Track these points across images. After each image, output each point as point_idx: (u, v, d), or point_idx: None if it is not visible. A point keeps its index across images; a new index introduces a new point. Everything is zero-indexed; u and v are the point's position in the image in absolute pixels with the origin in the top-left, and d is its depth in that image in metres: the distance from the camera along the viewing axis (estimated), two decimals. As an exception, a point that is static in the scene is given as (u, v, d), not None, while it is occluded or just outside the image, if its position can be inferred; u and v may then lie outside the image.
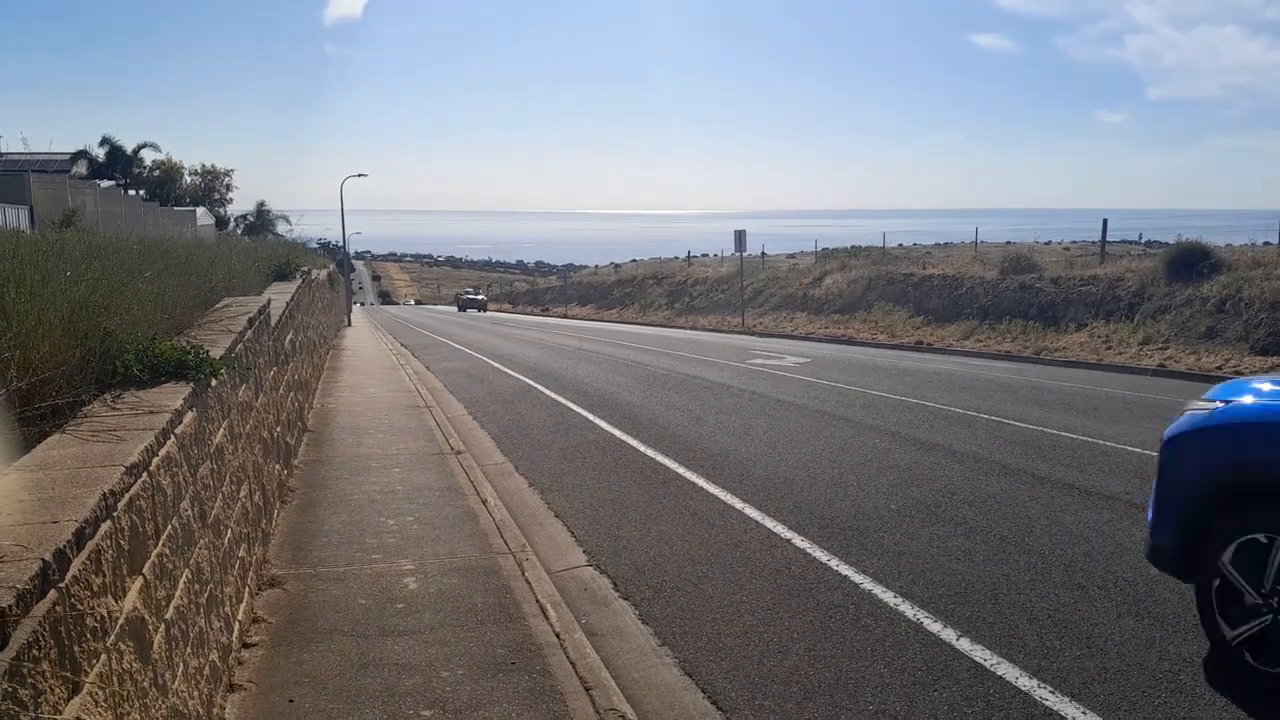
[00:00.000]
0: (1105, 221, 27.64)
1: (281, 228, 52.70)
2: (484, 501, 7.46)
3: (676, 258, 59.76)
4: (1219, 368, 16.39)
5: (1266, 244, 26.20)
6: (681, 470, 8.67)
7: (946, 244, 50.50)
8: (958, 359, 20.56)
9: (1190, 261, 20.67)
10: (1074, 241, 44.98)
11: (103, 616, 2.40)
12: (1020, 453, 9.19)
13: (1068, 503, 7.31)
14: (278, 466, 7.29)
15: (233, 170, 55.92)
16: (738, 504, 7.42)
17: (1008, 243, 43.25)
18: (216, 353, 4.39)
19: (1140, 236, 54.30)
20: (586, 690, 4.24)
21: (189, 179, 53.71)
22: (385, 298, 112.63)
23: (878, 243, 38.84)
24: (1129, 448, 9.30)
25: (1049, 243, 44.48)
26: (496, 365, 19.25)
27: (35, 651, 1.95)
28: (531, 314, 56.26)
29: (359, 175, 52.67)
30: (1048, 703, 4.09)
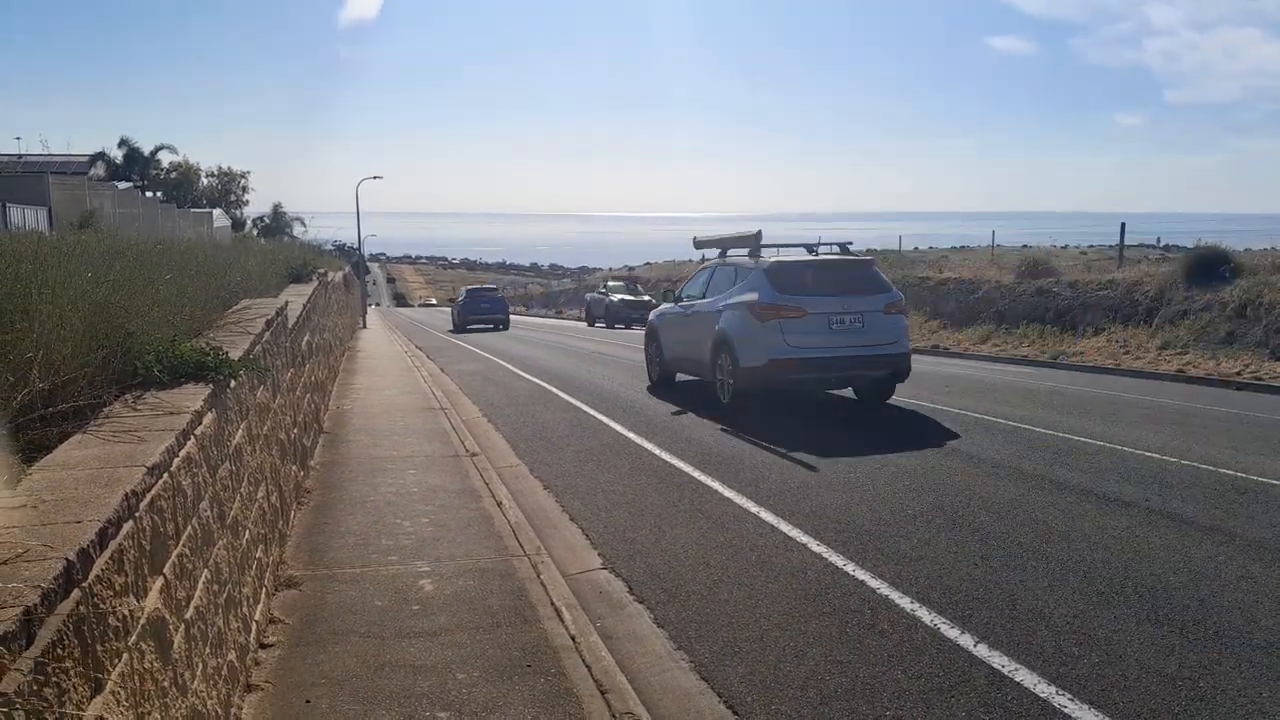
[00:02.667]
0: (1123, 225, 27.48)
1: (297, 229, 53.02)
2: (499, 504, 7.47)
3: (690, 259, 59.63)
4: (1238, 373, 16.25)
5: (1287, 248, 25.98)
6: (697, 474, 8.66)
7: (963, 247, 50.29)
8: (974, 363, 20.46)
9: (1209, 266, 20.50)
10: (1091, 245, 44.72)
11: (125, 616, 2.41)
12: (1037, 458, 9.13)
13: (1085, 508, 7.27)
14: (294, 468, 7.32)
15: (249, 172, 56.33)
16: (753, 508, 7.40)
17: (1024, 246, 43.05)
18: (235, 354, 4.41)
19: (1158, 240, 53.91)
20: (602, 693, 4.24)
21: (206, 181, 54.09)
22: (400, 300, 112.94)
23: (893, 246, 38.73)
24: (1147, 453, 9.23)
25: (1066, 246, 44.21)
26: (511, 368, 19.28)
27: (59, 650, 1.97)
28: (546, 317, 56.34)
29: (374, 178, 52.82)
30: (1066, 710, 4.06)
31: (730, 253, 13.58)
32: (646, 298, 36.12)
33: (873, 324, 11.51)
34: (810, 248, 13.38)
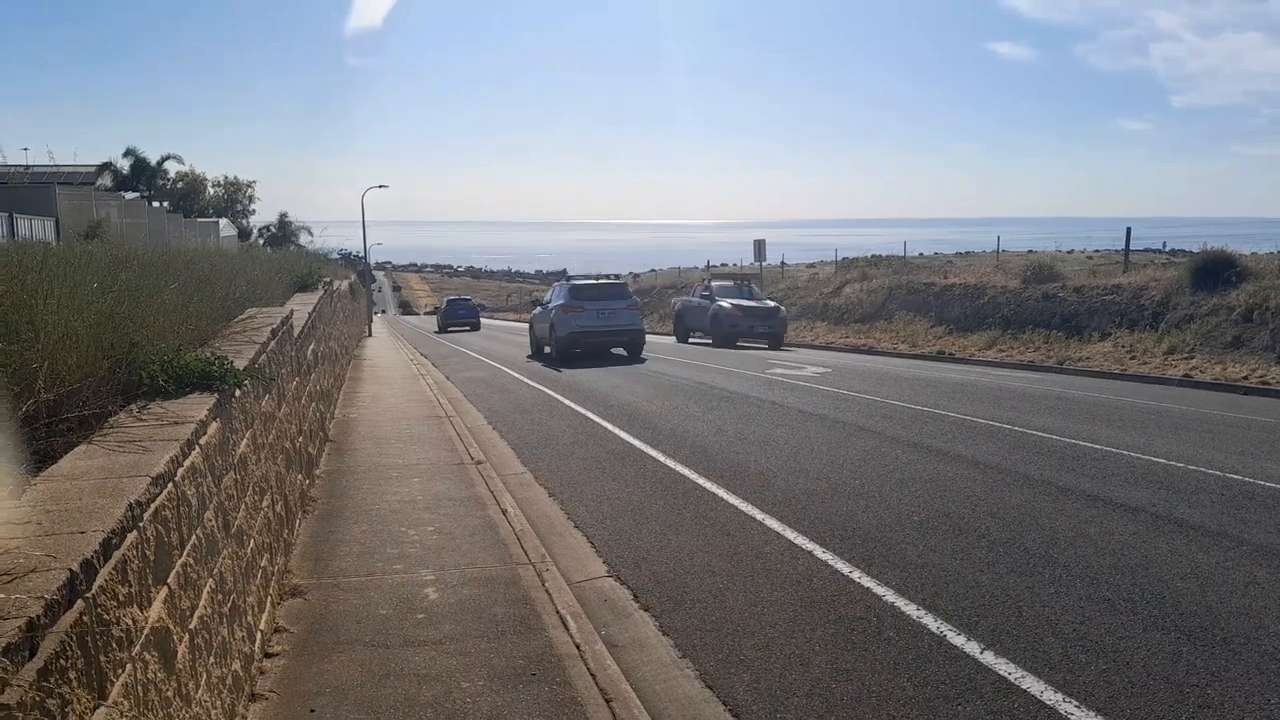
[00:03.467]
0: (1129, 230, 27.42)
1: (304, 239, 53.12)
2: (504, 512, 7.47)
3: (695, 267, 59.69)
4: (1245, 377, 16.20)
5: (1293, 252, 25.89)
6: (702, 481, 8.65)
7: (968, 253, 50.21)
8: (980, 369, 20.43)
9: (1215, 270, 20.45)
10: (1097, 250, 44.62)
11: (128, 626, 2.42)
12: (1044, 463, 9.11)
13: (1092, 514, 7.24)
14: (300, 476, 7.33)
15: (255, 182, 56.52)
16: (758, 515, 7.39)
17: (1029, 251, 42.98)
18: (240, 363, 4.43)
19: (1164, 245, 53.77)
20: (607, 702, 4.23)
21: (212, 190, 54.27)
22: (405, 307, 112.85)
23: (898, 252, 38.70)
24: (1154, 458, 9.20)
25: (1071, 251, 44.12)
26: (515, 375, 19.30)
27: (62, 661, 1.97)
28: (551, 324, 56.25)
29: (380, 186, 53.02)
30: (1073, 717, 4.04)
31: (563, 279, 25.45)
32: (771, 303, 27.94)
33: (620, 315, 21.72)
34: (597, 276, 24.50)
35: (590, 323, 21.48)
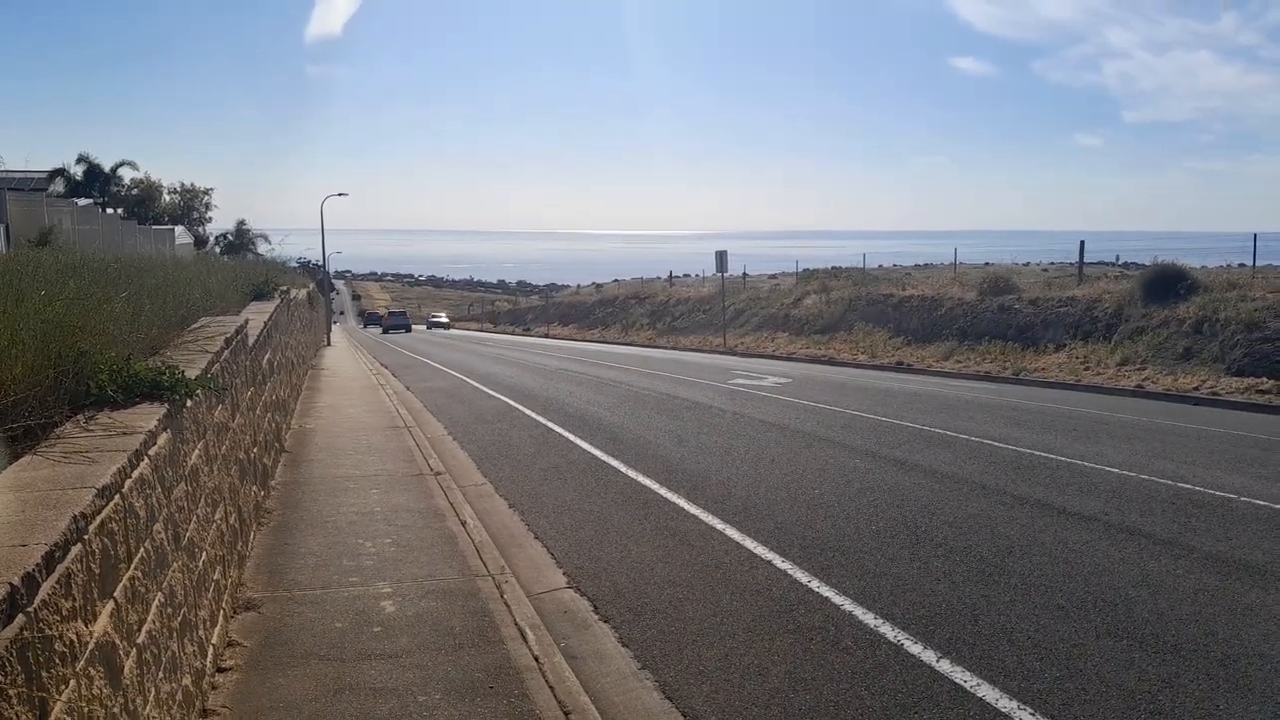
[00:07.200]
0: (1082, 244, 27.92)
1: (262, 247, 52.33)
2: (463, 523, 7.41)
3: (659, 278, 59.86)
4: (1195, 388, 16.55)
5: (1241, 265, 26.55)
6: (663, 491, 8.65)
7: (926, 265, 50.79)
8: (937, 379, 20.66)
9: (1167, 283, 20.90)
10: (1052, 263, 45.26)
11: (72, 641, 2.36)
12: (1000, 473, 9.22)
13: (1047, 523, 7.34)
14: (254, 488, 7.22)
15: (212, 189, 55.53)
16: (719, 525, 7.40)
17: (986, 264, 43.53)
18: (192, 373, 4.35)
19: (1117, 258, 54.76)
20: (565, 715, 4.20)
21: (168, 198, 53.31)
22: (364, 317, 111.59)
23: (858, 264, 39.08)
24: (1107, 468, 9.36)
25: (1027, 264, 44.77)
26: (477, 385, 19.19)
27: (1, 677, 1.92)
28: (513, 334, 56.16)
29: (339, 194, 52.42)
30: (1028, 724, 4.09)
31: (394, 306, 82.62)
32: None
33: (402, 320, 65.41)
34: (399, 312, 73.97)
35: (394, 321, 63.19)
